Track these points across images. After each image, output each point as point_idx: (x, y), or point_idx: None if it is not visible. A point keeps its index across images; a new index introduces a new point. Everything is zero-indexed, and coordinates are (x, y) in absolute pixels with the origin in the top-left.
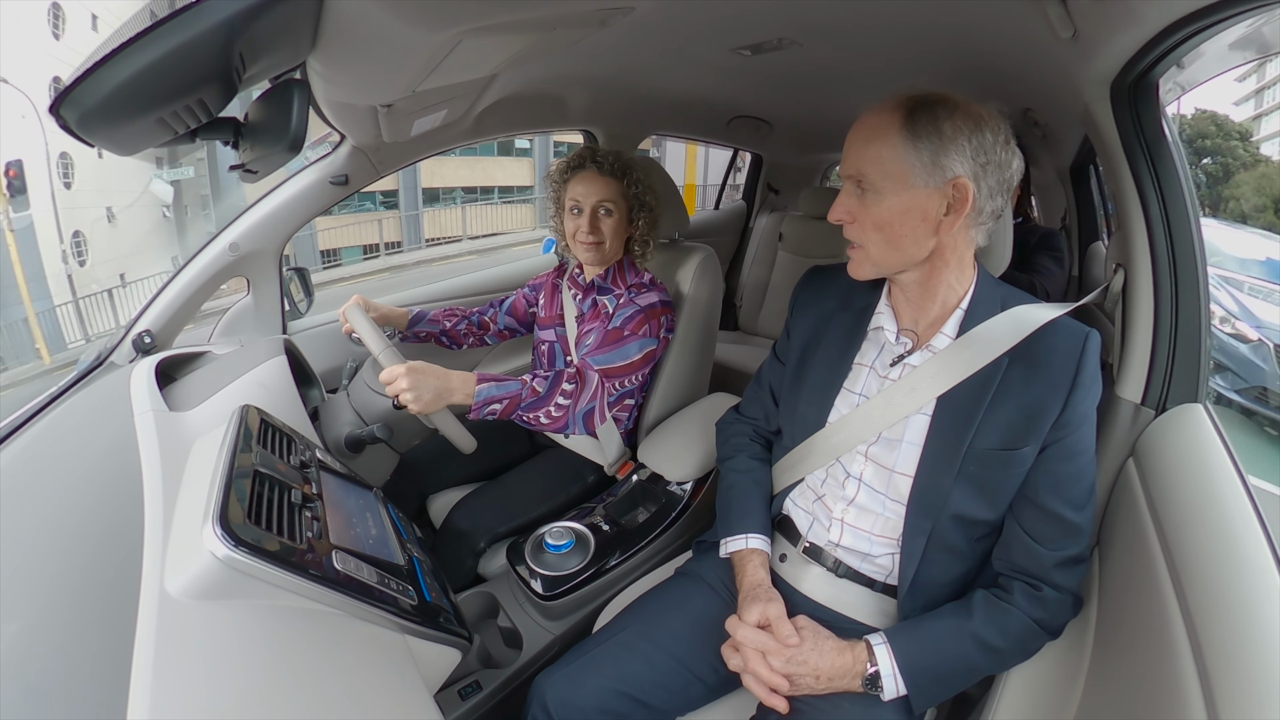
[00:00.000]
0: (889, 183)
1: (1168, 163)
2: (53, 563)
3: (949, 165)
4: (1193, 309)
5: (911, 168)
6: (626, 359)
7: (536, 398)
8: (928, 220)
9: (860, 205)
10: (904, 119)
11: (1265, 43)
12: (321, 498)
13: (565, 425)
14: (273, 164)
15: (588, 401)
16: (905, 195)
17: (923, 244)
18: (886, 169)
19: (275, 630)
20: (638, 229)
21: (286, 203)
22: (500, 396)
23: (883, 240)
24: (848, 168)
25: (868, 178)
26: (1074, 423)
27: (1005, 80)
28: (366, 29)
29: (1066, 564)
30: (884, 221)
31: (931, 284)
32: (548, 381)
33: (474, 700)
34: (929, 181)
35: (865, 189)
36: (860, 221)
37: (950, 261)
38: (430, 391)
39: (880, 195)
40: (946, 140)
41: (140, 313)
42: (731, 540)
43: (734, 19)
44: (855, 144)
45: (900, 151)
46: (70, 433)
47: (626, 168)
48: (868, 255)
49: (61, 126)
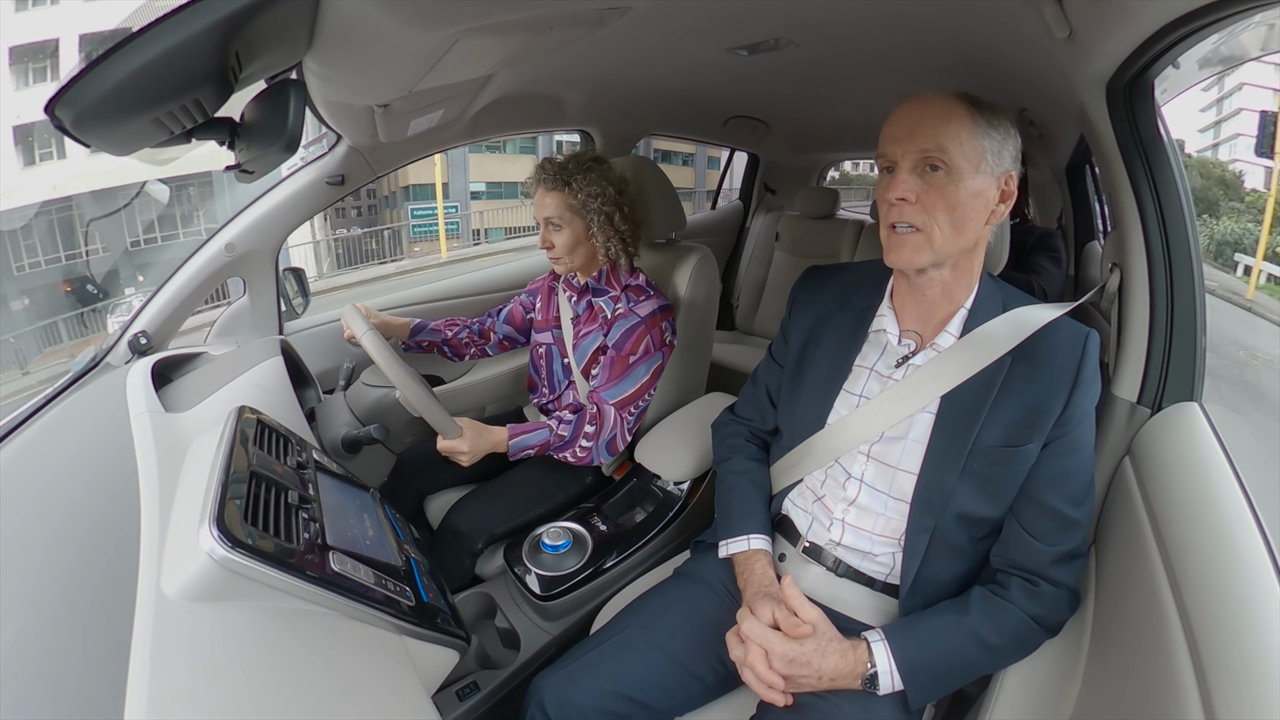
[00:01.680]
0: (968, 163)
1: (1163, 163)
2: (49, 565)
3: (1007, 157)
4: (1188, 308)
5: (984, 152)
6: (637, 384)
7: (563, 441)
8: (988, 208)
9: (929, 186)
10: (970, 107)
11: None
12: (318, 499)
13: (592, 459)
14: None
15: (609, 432)
16: (978, 180)
17: (978, 231)
18: (966, 149)
19: (272, 632)
20: (595, 238)
21: (282, 203)
22: (532, 444)
23: (951, 223)
24: (920, 142)
25: (948, 153)
26: (1075, 420)
27: (1001, 80)
28: (363, 29)
29: (1064, 559)
30: (958, 203)
31: (952, 281)
32: (571, 425)
33: (472, 701)
34: (994, 170)
35: (942, 168)
36: (927, 202)
37: (975, 259)
38: (480, 454)
39: (959, 175)
40: (1006, 133)
41: (136, 314)
42: (733, 541)
43: (731, 19)
44: (929, 119)
45: (977, 136)
46: (66, 434)
47: (565, 177)
48: (930, 240)
49: (56, 127)
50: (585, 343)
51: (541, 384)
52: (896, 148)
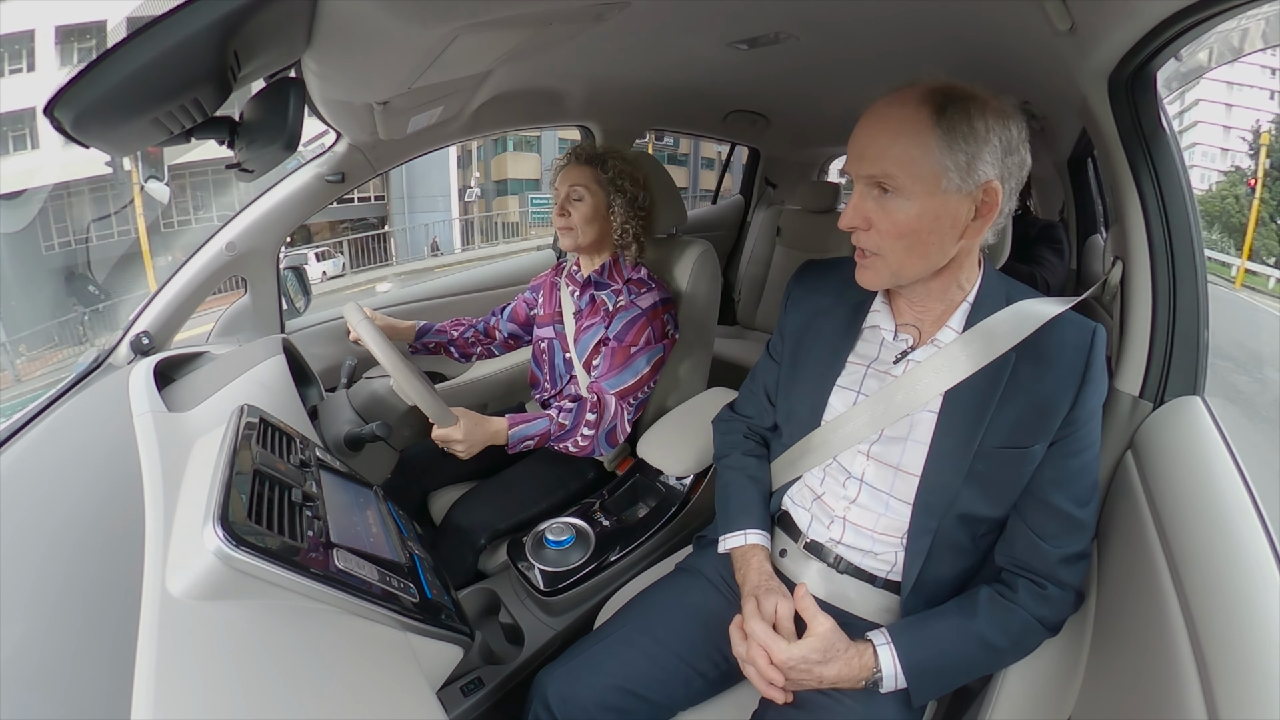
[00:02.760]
0: (919, 186)
1: (1165, 156)
2: (54, 565)
3: (982, 169)
4: (1191, 301)
5: (945, 171)
6: (637, 375)
7: (563, 431)
8: (956, 226)
9: (880, 210)
10: (935, 116)
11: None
12: (322, 496)
13: (593, 450)
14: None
15: (609, 422)
16: (936, 200)
17: (947, 251)
18: (917, 171)
19: (277, 629)
20: (615, 216)
21: (283, 202)
22: (532, 435)
23: (905, 249)
24: (866, 167)
25: (895, 180)
26: (1083, 418)
27: (1002, 73)
28: (361, 26)
29: (1070, 560)
30: (910, 229)
31: (938, 287)
32: (571, 414)
33: (476, 697)
34: (962, 186)
35: (890, 191)
36: (880, 228)
37: (965, 265)
38: (477, 446)
39: (908, 199)
40: (980, 141)
41: (138, 314)
42: (730, 536)
43: (730, 13)
44: (878, 140)
45: (935, 153)
46: (70, 435)
47: (601, 157)
48: (886, 264)
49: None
50: (587, 336)
51: (543, 379)
52: (852, 166)
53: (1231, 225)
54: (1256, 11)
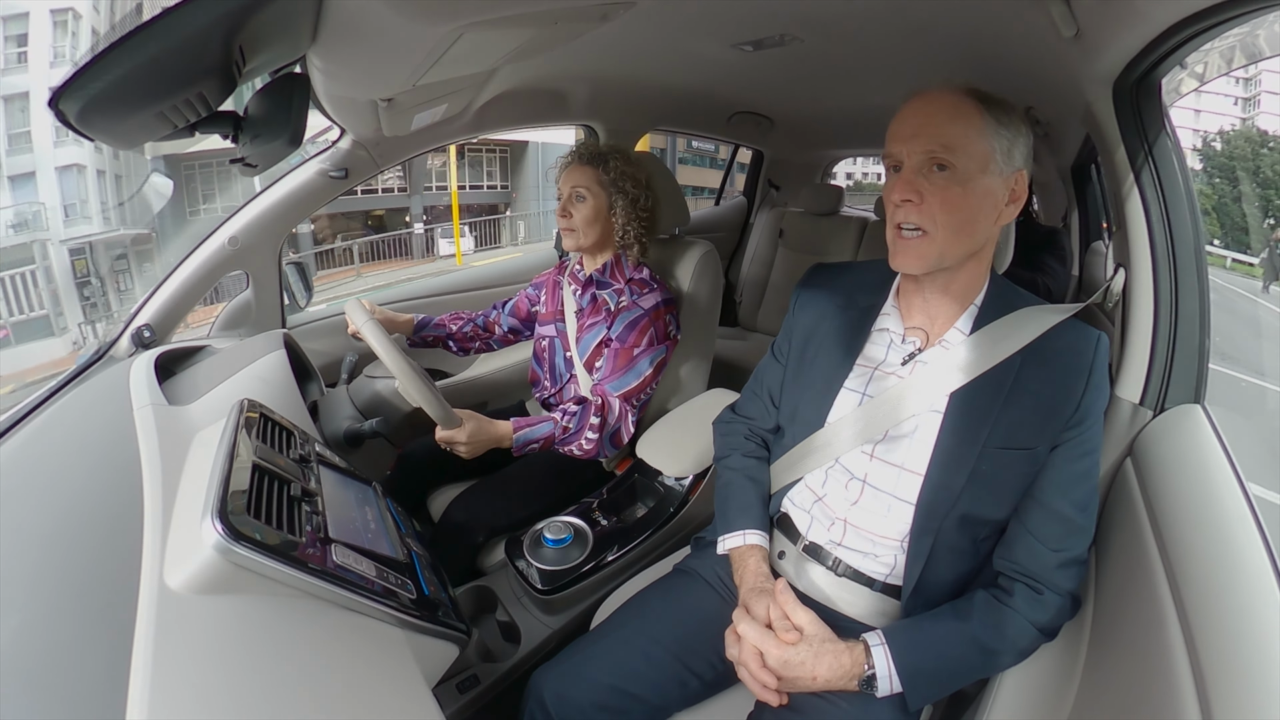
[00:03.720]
0: (974, 164)
1: (1169, 163)
2: (52, 557)
3: (1017, 157)
4: (1192, 310)
5: (994, 152)
6: (640, 377)
7: (568, 434)
8: (995, 209)
9: (935, 187)
10: (980, 104)
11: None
12: (321, 492)
13: (598, 453)
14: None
15: (613, 425)
16: (987, 180)
17: (986, 233)
18: (973, 149)
19: (274, 624)
20: (617, 217)
21: (286, 197)
22: (536, 438)
23: (956, 225)
24: (923, 143)
25: (954, 154)
26: (1085, 423)
27: (1006, 78)
28: (367, 23)
29: (1067, 565)
30: (963, 204)
31: (955, 281)
32: (576, 418)
33: (472, 694)
34: (1003, 170)
35: (948, 168)
36: (932, 203)
37: (990, 255)
38: (480, 448)
39: (966, 176)
40: (1017, 130)
41: (139, 307)
42: (729, 537)
43: (735, 14)
44: (935, 119)
45: (987, 134)
46: (69, 427)
47: (603, 157)
48: (935, 242)
49: (60, 120)
50: (588, 335)
51: (544, 378)
52: (902, 146)
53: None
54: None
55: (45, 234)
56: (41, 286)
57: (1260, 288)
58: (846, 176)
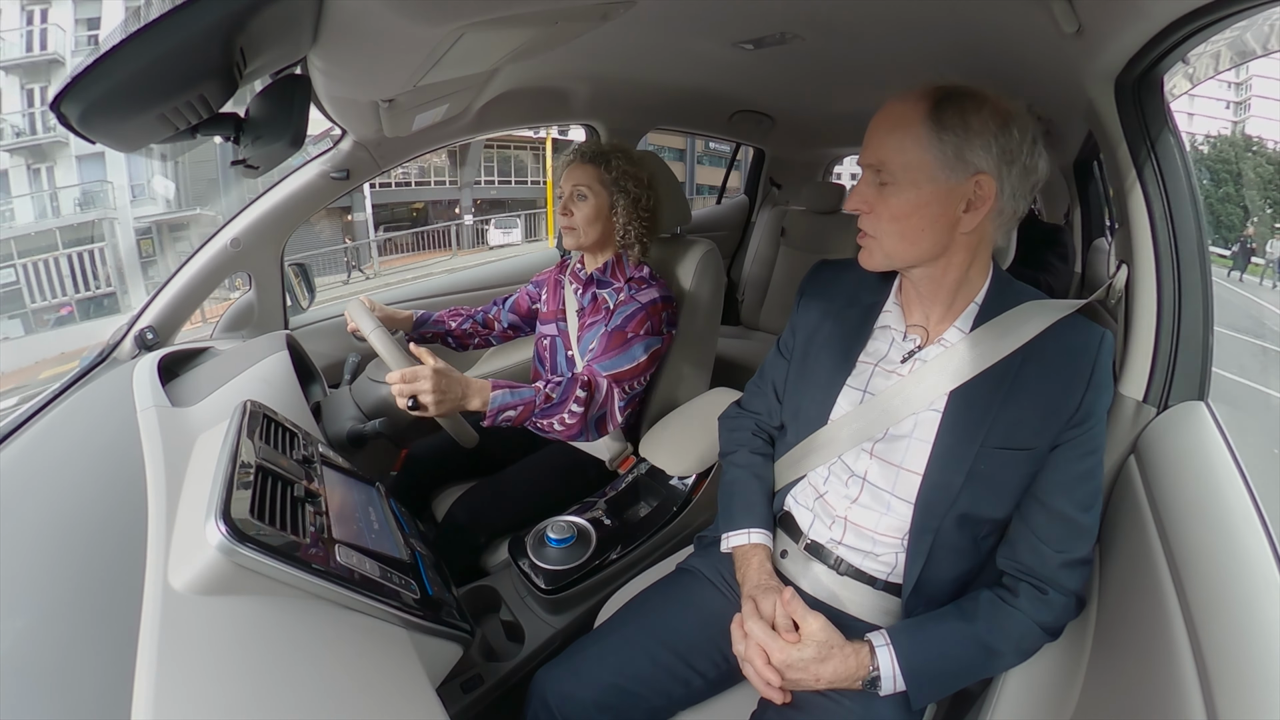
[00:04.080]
0: (909, 174)
1: (1172, 159)
2: (57, 559)
3: (972, 160)
4: (1196, 306)
5: (933, 160)
6: (633, 361)
7: (550, 404)
8: (946, 216)
9: (878, 195)
10: (930, 110)
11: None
12: (324, 493)
13: (579, 433)
14: (274, 159)
15: (599, 408)
16: (925, 189)
17: (938, 240)
18: (907, 160)
19: (278, 625)
20: (618, 216)
21: (288, 198)
22: (515, 403)
23: (897, 233)
24: (868, 156)
25: (887, 168)
26: (1087, 422)
27: (1008, 74)
28: (367, 24)
29: (1071, 565)
30: (900, 214)
31: (944, 279)
32: (561, 388)
33: (476, 694)
34: (950, 177)
35: (884, 179)
36: (877, 212)
37: (965, 259)
38: (452, 398)
39: (899, 187)
40: (972, 134)
41: (142, 309)
42: (733, 535)
43: (736, 13)
44: (877, 132)
45: (923, 143)
46: (73, 429)
47: (605, 156)
48: (880, 246)
49: (62, 123)
50: (589, 334)
51: (546, 377)
52: (860, 156)
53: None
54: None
55: (113, 212)
56: (110, 264)
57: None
58: (851, 178)
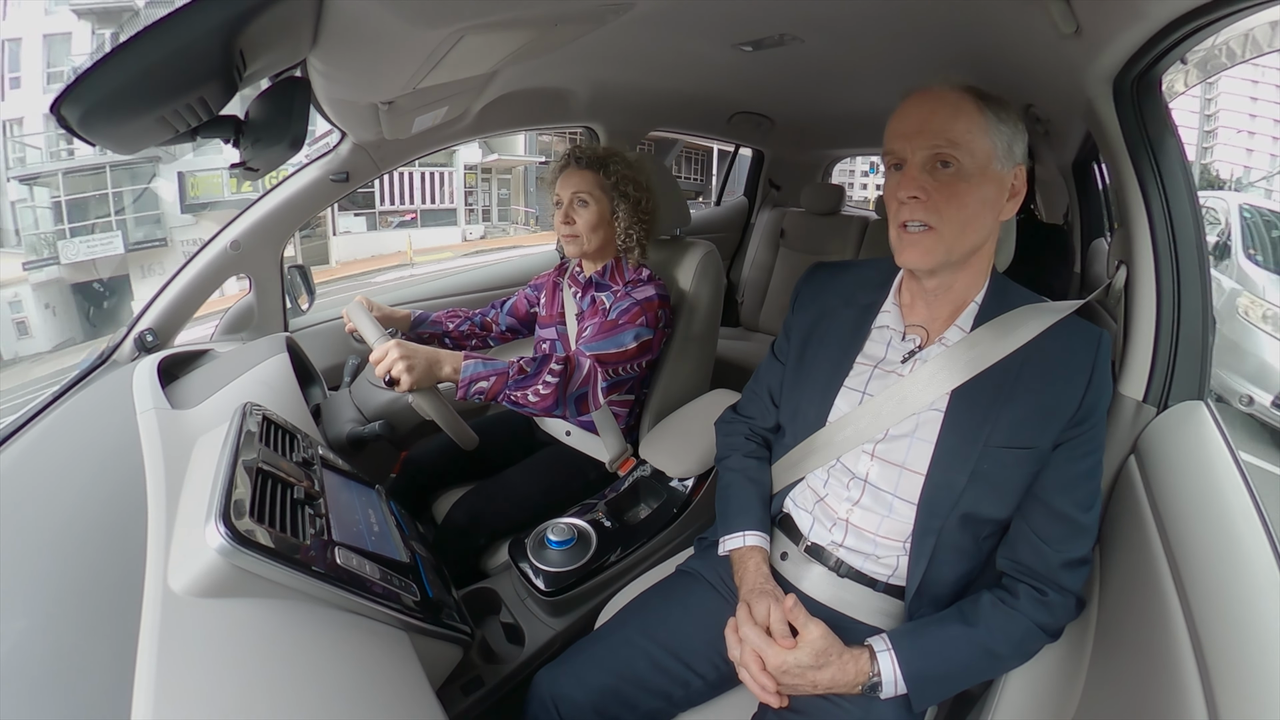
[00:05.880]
0: (977, 160)
1: (1171, 159)
2: (56, 561)
3: (1017, 152)
4: (1195, 306)
5: (994, 148)
6: (620, 346)
7: (525, 376)
8: (998, 204)
9: (939, 183)
10: (978, 102)
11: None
12: (324, 495)
13: (555, 405)
14: (274, 161)
15: (579, 385)
16: (988, 176)
17: (989, 228)
18: (975, 146)
19: (278, 627)
20: (619, 221)
21: (287, 201)
22: (487, 374)
23: (961, 221)
24: (928, 139)
25: (959, 150)
26: (1087, 422)
27: (1007, 75)
28: (367, 26)
29: (1071, 565)
30: (968, 200)
31: (964, 276)
32: (536, 363)
33: (476, 696)
34: (1004, 165)
35: (952, 164)
36: (937, 200)
37: (991, 251)
38: (421, 363)
39: (969, 172)
40: (1015, 128)
41: (142, 311)
42: (730, 538)
43: (735, 15)
44: (938, 115)
45: (987, 131)
46: (73, 431)
47: (604, 160)
48: (941, 238)
49: (62, 125)
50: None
51: None
52: (905, 144)
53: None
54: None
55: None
56: (450, 187)
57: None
58: (860, 177)
